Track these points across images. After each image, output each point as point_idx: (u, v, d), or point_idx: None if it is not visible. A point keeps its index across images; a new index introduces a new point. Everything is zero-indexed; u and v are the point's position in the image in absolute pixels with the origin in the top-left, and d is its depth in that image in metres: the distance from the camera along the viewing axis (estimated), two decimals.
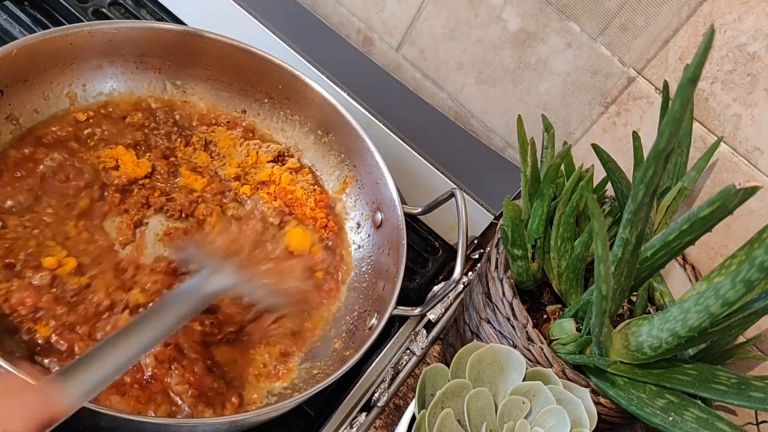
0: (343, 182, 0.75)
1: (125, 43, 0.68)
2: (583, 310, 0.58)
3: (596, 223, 0.45)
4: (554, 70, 0.72)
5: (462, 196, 0.65)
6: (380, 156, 0.70)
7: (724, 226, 0.55)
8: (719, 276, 0.55)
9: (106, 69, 0.69)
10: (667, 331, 0.49)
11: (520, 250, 0.59)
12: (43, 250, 0.57)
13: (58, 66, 0.64)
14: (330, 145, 0.75)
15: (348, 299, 0.69)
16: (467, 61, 0.77)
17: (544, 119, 0.67)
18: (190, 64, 0.72)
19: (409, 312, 0.63)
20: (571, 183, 0.62)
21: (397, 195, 0.68)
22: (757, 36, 0.60)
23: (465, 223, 0.64)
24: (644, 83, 0.68)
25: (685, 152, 0.66)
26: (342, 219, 0.74)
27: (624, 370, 0.55)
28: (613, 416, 0.57)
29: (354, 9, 0.82)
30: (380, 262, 0.69)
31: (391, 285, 0.63)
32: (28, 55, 0.60)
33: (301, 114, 0.76)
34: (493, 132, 0.80)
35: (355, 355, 0.56)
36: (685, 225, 0.47)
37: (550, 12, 0.69)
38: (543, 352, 0.56)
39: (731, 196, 0.42)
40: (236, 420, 0.53)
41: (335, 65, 0.77)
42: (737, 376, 0.53)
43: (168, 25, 0.74)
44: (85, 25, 0.64)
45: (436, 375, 0.54)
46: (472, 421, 0.51)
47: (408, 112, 0.79)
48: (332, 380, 0.54)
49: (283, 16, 0.80)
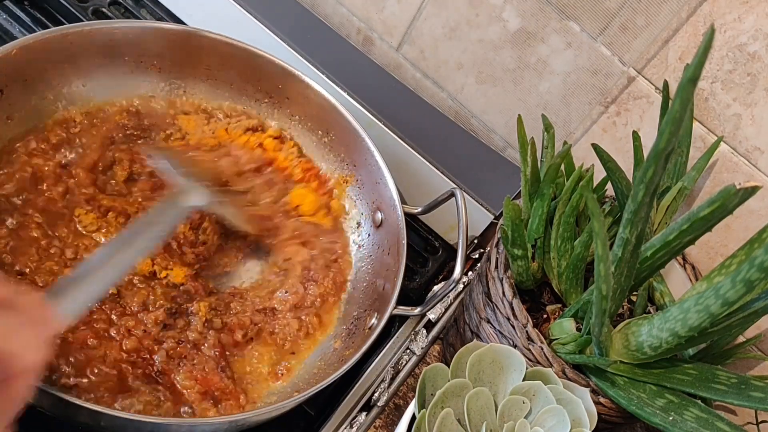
0: (343, 182, 0.75)
1: (125, 43, 0.68)
2: (583, 310, 0.58)
3: (596, 223, 0.45)
4: (554, 69, 0.72)
5: (462, 195, 0.65)
6: (380, 156, 0.70)
7: (724, 226, 0.55)
8: (719, 276, 0.55)
9: (106, 68, 0.68)
10: (667, 330, 0.49)
11: (520, 250, 0.59)
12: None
13: (58, 65, 0.64)
14: (330, 144, 0.75)
15: (348, 299, 0.69)
16: (467, 60, 0.77)
17: (544, 119, 0.67)
18: (190, 63, 0.72)
19: (409, 312, 0.63)
20: (571, 183, 0.62)
21: (397, 195, 0.68)
22: (757, 36, 0.60)
23: (465, 222, 0.64)
24: (644, 83, 0.68)
25: (685, 152, 0.66)
26: (342, 218, 0.74)
27: (624, 369, 0.55)
28: (613, 416, 0.57)
29: (354, 9, 0.82)
30: (380, 262, 0.69)
31: (392, 284, 0.63)
32: (28, 55, 0.60)
33: (301, 113, 0.76)
34: (493, 132, 0.80)
35: (355, 354, 0.56)
36: (685, 225, 0.47)
37: (550, 12, 0.69)
38: (543, 352, 0.56)
39: (731, 195, 0.42)
40: (236, 420, 0.53)
41: (335, 65, 0.77)
42: (737, 376, 0.53)
43: (168, 24, 0.74)
44: (85, 25, 0.64)
45: (436, 375, 0.54)
46: (472, 421, 0.51)
47: (408, 112, 0.79)
48: (332, 380, 0.54)
49: (283, 15, 0.80)
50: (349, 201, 0.75)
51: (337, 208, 0.74)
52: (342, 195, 0.75)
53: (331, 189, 0.75)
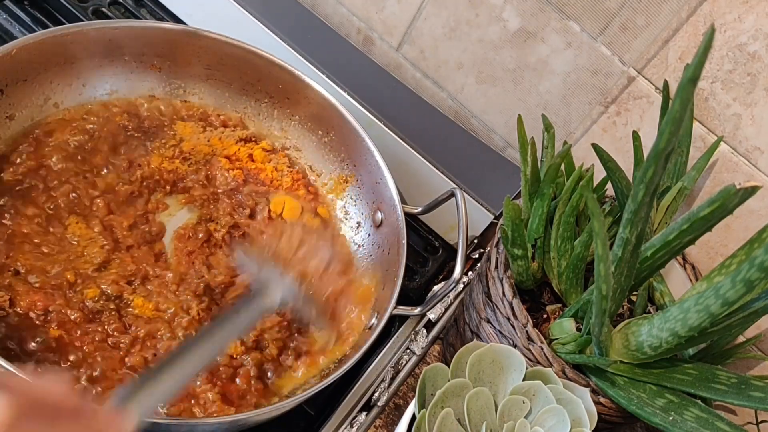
0: (343, 182, 0.75)
1: (125, 43, 0.68)
2: (583, 310, 0.58)
3: (596, 223, 0.45)
4: (554, 69, 0.72)
5: (462, 195, 0.65)
6: (380, 155, 0.70)
7: (724, 226, 0.55)
8: (719, 276, 0.55)
9: (106, 68, 0.68)
10: (667, 330, 0.49)
11: (520, 250, 0.59)
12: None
13: (58, 65, 0.64)
14: (330, 144, 0.75)
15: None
16: (467, 60, 0.77)
17: (544, 119, 0.67)
18: (190, 63, 0.72)
19: (409, 312, 0.63)
20: (571, 183, 0.62)
21: (397, 195, 0.68)
22: (757, 36, 0.60)
23: (465, 222, 0.64)
24: (644, 83, 0.68)
25: (685, 152, 0.66)
26: (339, 218, 0.74)
27: (624, 369, 0.55)
28: (613, 416, 0.57)
29: (354, 8, 0.82)
30: (380, 262, 0.69)
31: (391, 284, 0.63)
32: (28, 55, 0.60)
33: (301, 113, 0.76)
34: (493, 132, 0.81)
35: (355, 354, 0.56)
36: (685, 225, 0.47)
37: (550, 11, 0.69)
38: (543, 352, 0.56)
39: (731, 195, 0.42)
40: (236, 420, 0.53)
41: (335, 65, 0.77)
42: (737, 376, 0.53)
43: (168, 24, 0.74)
44: (85, 25, 0.64)
45: (436, 374, 0.54)
46: (472, 421, 0.51)
47: (408, 112, 0.79)
48: (332, 380, 0.54)
49: (283, 15, 0.80)
50: (349, 201, 0.75)
51: (325, 214, 0.73)
52: (341, 194, 0.75)
53: (319, 196, 0.74)
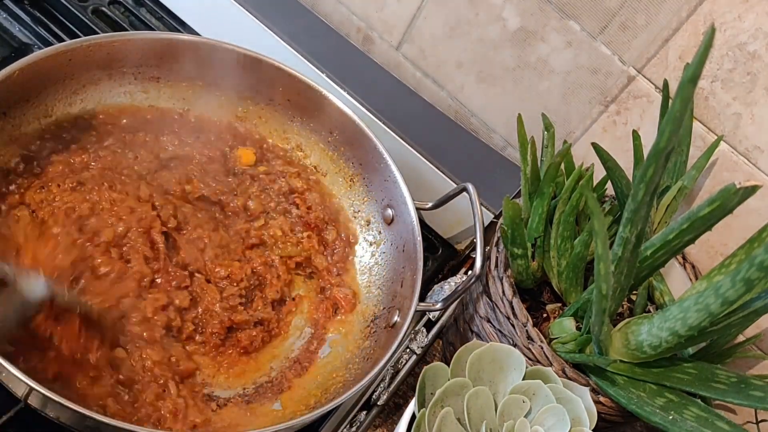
0: (351, 180, 0.75)
1: (123, 55, 0.67)
2: (582, 309, 0.58)
3: (596, 222, 0.45)
4: (554, 68, 0.72)
5: (474, 190, 0.64)
6: (387, 153, 0.70)
7: (724, 225, 0.55)
8: (719, 275, 0.55)
9: (105, 82, 0.68)
10: (667, 329, 0.49)
11: (520, 249, 0.59)
12: None
13: (58, 82, 0.64)
14: (335, 144, 0.75)
15: (364, 300, 0.70)
16: (467, 59, 0.77)
17: (544, 118, 0.67)
18: (189, 72, 0.71)
19: (430, 307, 0.62)
20: (571, 182, 0.62)
21: (407, 191, 0.68)
22: (757, 35, 0.60)
23: (480, 216, 0.63)
24: (644, 82, 0.68)
25: (685, 151, 0.66)
26: (350, 224, 0.74)
27: (624, 368, 0.55)
28: (612, 415, 0.58)
29: (354, 8, 0.82)
30: (395, 260, 0.69)
31: (411, 281, 0.63)
32: (29, 75, 0.60)
33: (302, 114, 0.75)
34: (493, 131, 0.81)
35: (385, 354, 0.56)
36: (685, 224, 0.47)
37: (550, 11, 0.69)
38: (543, 351, 0.56)
39: (731, 195, 0.42)
40: None
41: (335, 64, 0.77)
42: (737, 375, 0.53)
43: (165, 34, 0.73)
44: (84, 41, 0.64)
45: (436, 374, 0.54)
46: (472, 420, 0.51)
47: (408, 111, 0.79)
48: (368, 381, 0.54)
49: (283, 14, 0.80)
50: (358, 201, 0.75)
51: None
52: (349, 194, 0.75)
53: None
